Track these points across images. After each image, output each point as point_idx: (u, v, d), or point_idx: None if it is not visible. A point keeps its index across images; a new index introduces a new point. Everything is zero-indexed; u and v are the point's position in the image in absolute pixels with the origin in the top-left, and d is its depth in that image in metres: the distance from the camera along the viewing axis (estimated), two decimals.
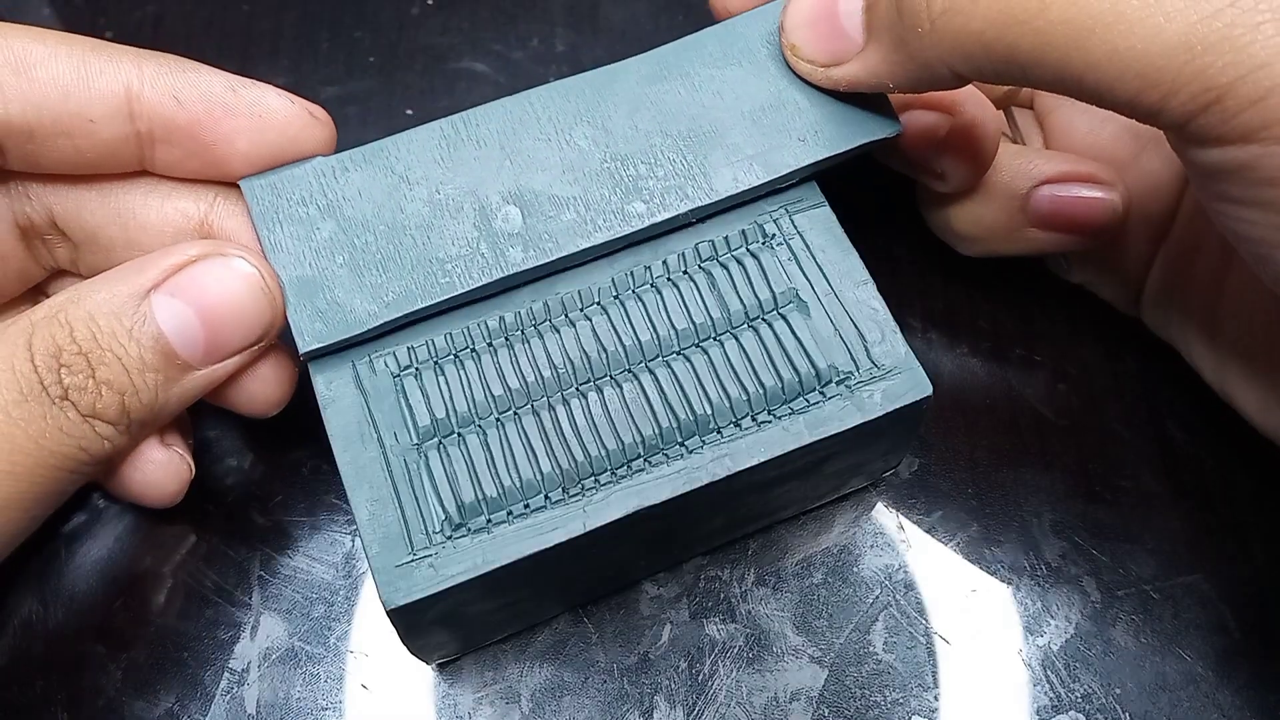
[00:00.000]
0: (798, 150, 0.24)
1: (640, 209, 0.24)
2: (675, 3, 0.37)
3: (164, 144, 0.23)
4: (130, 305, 0.21)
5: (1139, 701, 0.26)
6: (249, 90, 0.23)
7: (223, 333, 0.22)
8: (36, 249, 0.25)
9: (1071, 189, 0.26)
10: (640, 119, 0.24)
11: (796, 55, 0.24)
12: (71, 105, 0.22)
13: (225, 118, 0.23)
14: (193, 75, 0.23)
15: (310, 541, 0.28)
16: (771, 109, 0.24)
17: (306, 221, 0.23)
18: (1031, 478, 0.29)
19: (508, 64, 0.36)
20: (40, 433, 0.20)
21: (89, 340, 0.21)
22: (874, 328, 0.24)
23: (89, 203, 0.24)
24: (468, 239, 0.23)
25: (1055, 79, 0.19)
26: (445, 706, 0.26)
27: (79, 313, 0.21)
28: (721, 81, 0.25)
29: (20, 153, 0.23)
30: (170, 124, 0.23)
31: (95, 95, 0.22)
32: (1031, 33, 0.19)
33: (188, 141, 0.23)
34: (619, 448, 0.22)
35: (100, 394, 0.21)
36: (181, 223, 0.24)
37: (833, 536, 0.28)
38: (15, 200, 0.24)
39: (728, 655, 0.26)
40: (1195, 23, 0.17)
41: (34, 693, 0.26)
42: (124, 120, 0.23)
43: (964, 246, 0.29)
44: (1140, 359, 0.30)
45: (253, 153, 0.23)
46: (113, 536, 0.28)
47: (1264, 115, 0.17)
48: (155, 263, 0.22)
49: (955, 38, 0.20)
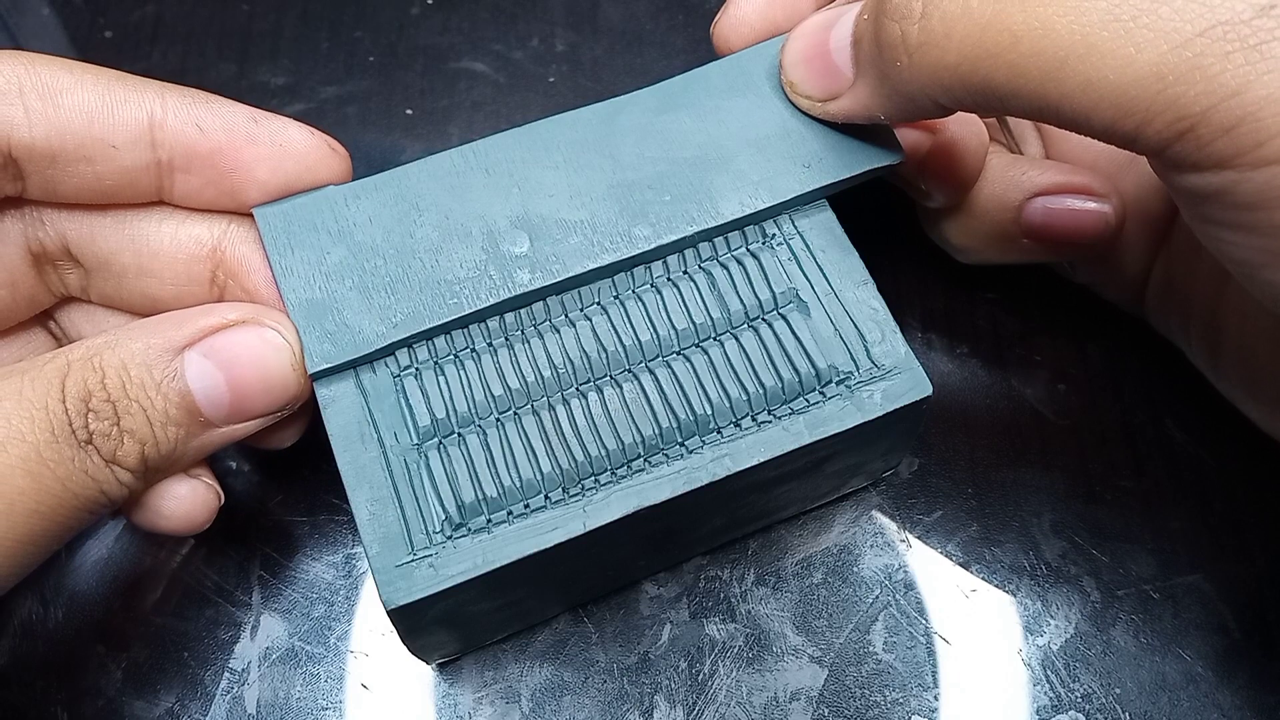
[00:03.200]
0: (802, 176, 0.24)
1: (646, 232, 0.24)
2: (675, 3, 0.37)
3: (183, 172, 0.23)
4: (163, 359, 0.22)
5: (1139, 701, 0.26)
6: (270, 122, 0.24)
7: (248, 399, 0.23)
8: (47, 275, 0.25)
9: (1064, 200, 0.26)
10: (647, 147, 0.25)
11: (795, 91, 0.25)
12: (95, 131, 0.22)
13: (246, 147, 0.23)
14: (215, 106, 0.23)
15: (310, 541, 0.28)
16: (776, 137, 0.25)
17: (317, 247, 0.23)
18: (1031, 478, 0.29)
19: (508, 64, 0.36)
20: (67, 474, 0.21)
21: (118, 388, 0.21)
22: (874, 328, 0.24)
23: (103, 229, 0.24)
24: (476, 262, 0.23)
25: (1032, 109, 0.20)
26: (445, 706, 0.26)
27: (113, 359, 0.21)
28: (727, 111, 0.25)
29: (41, 178, 0.23)
30: (191, 152, 0.23)
31: (119, 122, 0.23)
32: (1005, 65, 0.19)
33: (208, 170, 0.23)
34: (619, 448, 0.22)
35: (122, 442, 0.21)
36: (194, 249, 0.24)
37: (833, 536, 0.28)
38: (30, 225, 0.24)
39: (728, 655, 0.26)
40: (1166, 52, 0.17)
41: (34, 693, 0.26)
42: (146, 148, 0.23)
43: (960, 256, 0.29)
44: (1140, 359, 0.30)
45: (271, 182, 0.24)
46: (113, 536, 0.28)
47: (1237, 143, 0.17)
48: (193, 320, 0.22)
49: (932, 71, 0.20)
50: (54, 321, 0.26)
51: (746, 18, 0.26)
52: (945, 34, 0.20)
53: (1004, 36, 0.19)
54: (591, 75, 0.36)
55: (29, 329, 0.26)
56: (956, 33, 0.20)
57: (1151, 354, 0.29)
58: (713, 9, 0.27)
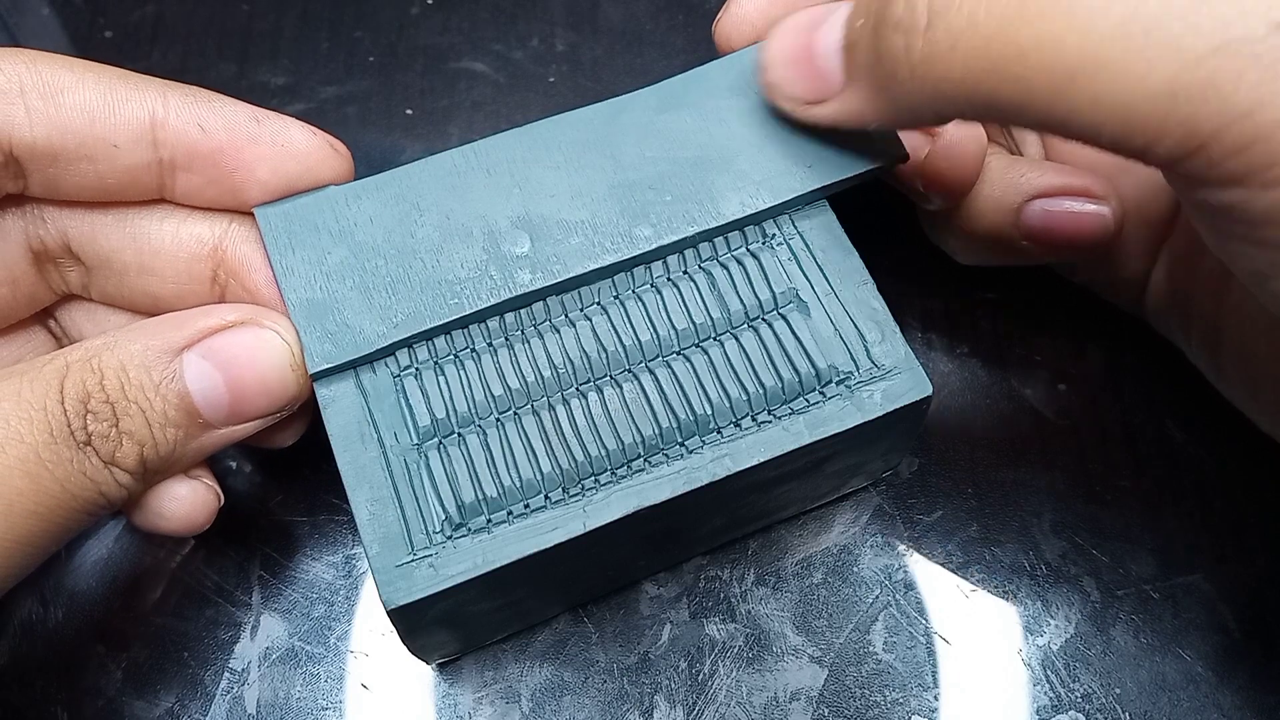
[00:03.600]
0: (804, 176, 0.24)
1: (647, 232, 0.24)
2: (675, 3, 0.37)
3: (185, 171, 0.23)
4: (162, 361, 0.22)
5: (1139, 701, 0.26)
6: (272, 121, 0.24)
7: (246, 400, 0.23)
8: (48, 273, 0.25)
9: (1063, 203, 0.26)
10: (648, 147, 0.25)
11: (775, 93, 0.24)
12: (97, 130, 0.22)
13: (249, 146, 0.23)
14: (218, 105, 0.23)
15: (310, 541, 0.28)
16: (778, 137, 0.25)
17: (318, 247, 0.23)
18: (1031, 478, 0.29)
19: (508, 64, 0.36)
20: (66, 476, 0.21)
21: (117, 390, 0.21)
22: (874, 328, 0.24)
23: (104, 227, 0.24)
24: (477, 262, 0.23)
25: (1039, 123, 0.19)
26: (445, 706, 0.26)
27: (112, 361, 0.21)
28: (728, 111, 0.25)
29: (42, 176, 0.23)
30: (193, 151, 0.23)
31: (120, 121, 0.23)
32: (1012, 79, 0.19)
33: (210, 169, 0.23)
34: (619, 448, 0.22)
35: (121, 443, 0.21)
36: (196, 248, 0.24)
37: (833, 536, 0.28)
38: (31, 224, 0.24)
39: (728, 655, 0.26)
40: (1178, 70, 0.17)
41: (34, 693, 0.26)
42: (147, 146, 0.23)
43: (959, 257, 0.29)
44: (1140, 359, 0.30)
45: (272, 181, 0.24)
46: (113, 536, 0.28)
47: (1249, 162, 0.17)
48: (192, 322, 0.22)
49: (936, 85, 0.20)
50: (54, 320, 0.26)
51: (748, 16, 0.26)
52: (950, 47, 0.19)
53: (1011, 51, 0.19)
54: (591, 75, 0.36)
55: (29, 327, 0.26)
56: (962, 46, 0.19)
57: (1151, 354, 0.29)
58: (713, 9, 0.27)
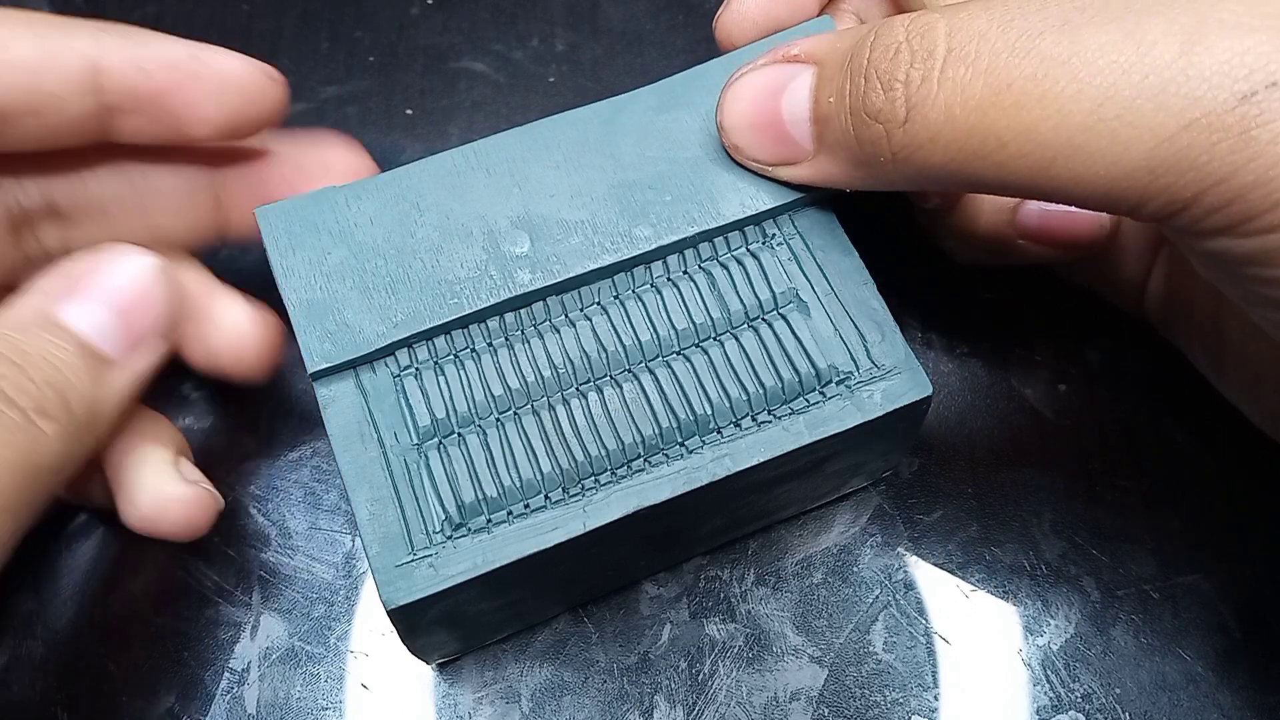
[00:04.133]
0: None
1: (647, 232, 0.24)
2: (675, 3, 0.37)
3: (129, 114, 0.24)
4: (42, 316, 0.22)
5: (1139, 701, 0.26)
6: (210, 56, 0.24)
7: (134, 317, 0.23)
8: (24, 238, 0.25)
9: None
10: (648, 147, 0.25)
11: (740, 155, 0.24)
12: (40, 84, 0.23)
13: (191, 83, 0.24)
14: (155, 45, 0.24)
15: (310, 541, 0.28)
16: None
17: (318, 247, 0.24)
18: (1031, 478, 0.29)
19: (508, 64, 0.36)
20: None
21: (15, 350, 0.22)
22: (874, 328, 0.24)
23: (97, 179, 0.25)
24: (476, 262, 0.24)
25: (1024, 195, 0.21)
26: (445, 706, 0.26)
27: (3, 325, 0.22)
28: None
29: None
30: (137, 94, 0.23)
31: (62, 73, 0.23)
32: (994, 165, 0.19)
33: (153, 109, 0.24)
34: (619, 448, 0.22)
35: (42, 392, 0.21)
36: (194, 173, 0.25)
37: (833, 536, 0.28)
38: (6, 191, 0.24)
39: (728, 655, 0.26)
40: (1153, 148, 0.18)
41: (34, 693, 0.26)
42: (91, 94, 0.23)
43: (957, 256, 0.29)
44: (1141, 359, 0.30)
45: (216, 115, 0.24)
46: (113, 536, 0.28)
47: (1229, 217, 0.18)
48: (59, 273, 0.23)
49: (918, 169, 0.21)
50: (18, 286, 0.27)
51: (749, 13, 0.26)
52: (931, 139, 0.20)
53: (991, 141, 0.19)
54: (591, 75, 0.36)
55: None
56: (942, 138, 0.20)
57: (1151, 354, 0.29)
58: (713, 8, 0.27)
